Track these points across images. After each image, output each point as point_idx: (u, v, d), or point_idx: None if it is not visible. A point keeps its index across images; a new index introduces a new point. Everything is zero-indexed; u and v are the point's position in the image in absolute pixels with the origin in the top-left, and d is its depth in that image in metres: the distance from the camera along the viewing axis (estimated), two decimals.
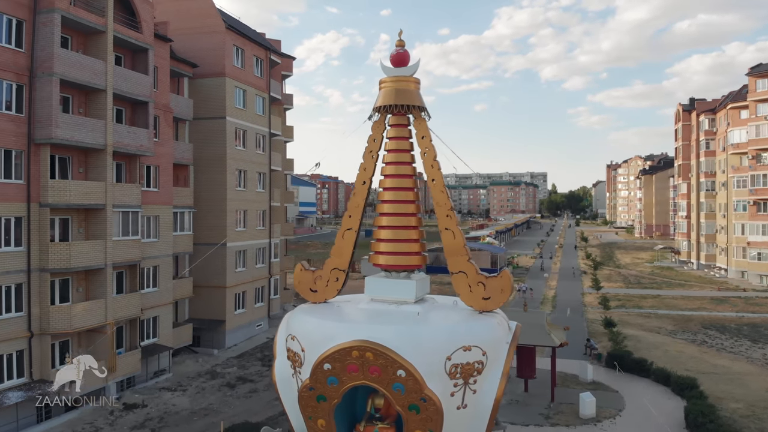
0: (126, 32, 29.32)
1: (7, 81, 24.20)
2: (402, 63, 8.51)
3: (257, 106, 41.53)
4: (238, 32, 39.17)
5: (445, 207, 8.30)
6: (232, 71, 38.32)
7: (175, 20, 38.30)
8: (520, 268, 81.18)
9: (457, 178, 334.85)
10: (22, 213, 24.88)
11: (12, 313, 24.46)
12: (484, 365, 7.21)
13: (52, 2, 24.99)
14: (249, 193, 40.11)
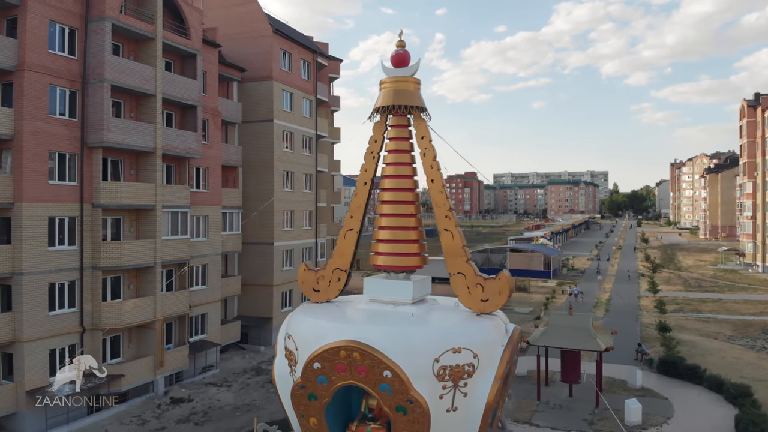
0: (175, 39, 30.33)
1: (60, 87, 25.46)
2: (402, 63, 8.48)
3: (304, 109, 42.14)
4: (285, 36, 39.86)
5: (444, 207, 8.21)
6: (279, 75, 39.03)
7: (225, 26, 39.37)
8: (575, 270, 79.25)
9: (513, 177, 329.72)
10: (75, 213, 26.12)
11: (65, 309, 25.71)
12: (476, 368, 7.09)
13: (102, 11, 26.13)
14: (296, 194, 40.76)
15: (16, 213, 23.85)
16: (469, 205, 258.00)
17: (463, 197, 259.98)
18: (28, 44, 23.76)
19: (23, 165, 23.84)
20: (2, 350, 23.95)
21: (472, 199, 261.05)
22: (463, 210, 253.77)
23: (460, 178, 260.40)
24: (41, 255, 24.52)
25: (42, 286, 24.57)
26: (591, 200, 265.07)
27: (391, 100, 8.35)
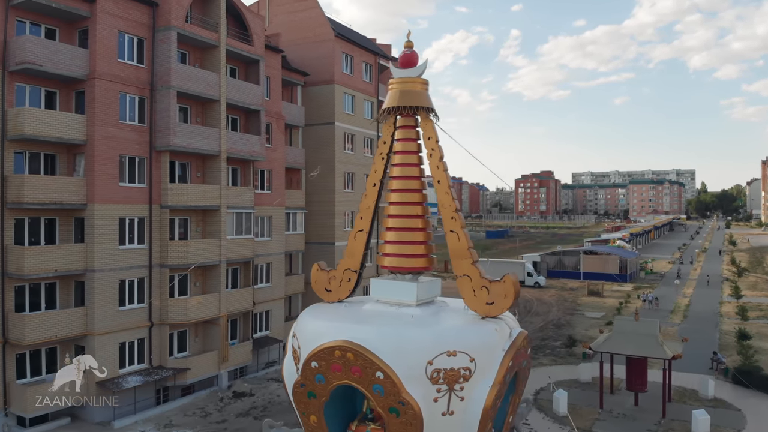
0: (238, 45, 31.42)
1: (130, 95, 26.94)
2: (410, 64, 8.43)
3: (366, 111, 42.55)
4: (346, 39, 40.40)
5: (450, 209, 8.09)
6: (341, 78, 39.61)
7: (289, 31, 40.38)
8: (654, 273, 75.69)
9: (593, 176, 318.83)
10: (144, 214, 27.56)
11: (135, 305, 27.17)
12: (472, 372, 6.94)
13: (168, 21, 27.44)
14: (357, 195, 41.17)
15: (89, 213, 25.42)
16: (545, 206, 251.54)
17: (539, 197, 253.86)
18: (98, 54, 25.30)
19: (95, 168, 25.39)
20: (75, 343, 25.60)
21: (548, 200, 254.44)
22: (538, 211, 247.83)
23: (536, 177, 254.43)
24: (112, 253, 26.03)
25: (113, 282, 26.08)
26: (676, 200, 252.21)
27: (399, 101, 8.33)
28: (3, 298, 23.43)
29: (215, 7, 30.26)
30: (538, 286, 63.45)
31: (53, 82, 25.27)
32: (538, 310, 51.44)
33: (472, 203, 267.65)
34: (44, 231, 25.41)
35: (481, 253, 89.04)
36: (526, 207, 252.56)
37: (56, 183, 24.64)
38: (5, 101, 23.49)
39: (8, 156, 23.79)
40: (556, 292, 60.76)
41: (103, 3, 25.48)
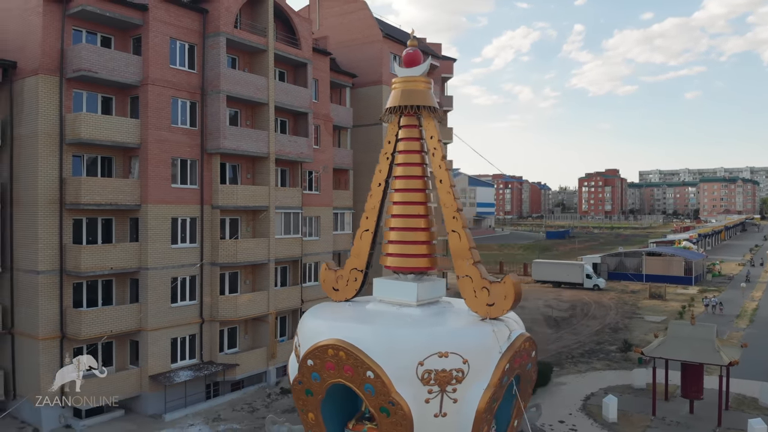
0: (286, 49, 32.02)
1: (182, 99, 27.92)
2: (413, 63, 8.40)
3: None
4: (395, 40, 40.49)
5: (452, 208, 8.00)
6: (388, 78, 39.69)
7: (338, 34, 40.88)
8: (722, 276, 72.14)
9: (662, 174, 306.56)
10: (196, 214, 28.50)
11: (186, 302, 28.13)
12: (465, 374, 6.83)
13: (217, 27, 28.27)
14: None
15: (143, 214, 26.51)
16: (609, 206, 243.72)
17: (603, 197, 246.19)
18: (151, 61, 26.33)
19: (149, 170, 26.44)
20: (130, 338, 26.74)
21: (613, 199, 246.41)
22: (603, 211, 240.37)
23: (600, 176, 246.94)
24: (165, 252, 27.05)
25: (165, 280, 27.09)
26: (749, 199, 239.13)
27: (400, 101, 8.31)
28: (62, 294, 24.72)
29: (263, 12, 30.95)
30: (597, 289, 61.61)
31: (109, 88, 26.49)
32: (595, 313, 49.97)
33: (533, 203, 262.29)
34: (101, 230, 26.67)
35: (539, 255, 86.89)
36: (590, 207, 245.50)
37: (112, 185, 25.81)
38: (63, 107, 24.78)
39: (67, 159, 25.09)
40: (615, 295, 58.83)
41: (155, 11, 26.51)
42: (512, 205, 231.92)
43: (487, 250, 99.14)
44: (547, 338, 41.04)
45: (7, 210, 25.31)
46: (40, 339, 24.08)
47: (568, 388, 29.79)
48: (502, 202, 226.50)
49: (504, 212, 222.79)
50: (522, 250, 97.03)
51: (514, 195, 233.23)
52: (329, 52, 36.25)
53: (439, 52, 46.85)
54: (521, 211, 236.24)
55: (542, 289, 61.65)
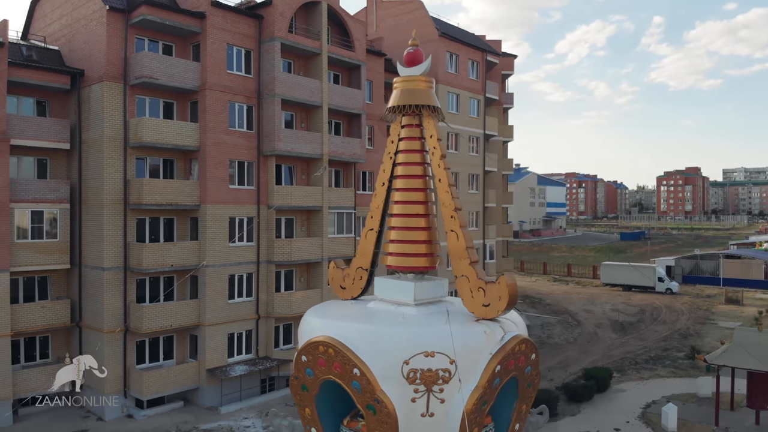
0: (340, 52, 32.49)
1: (239, 103, 28.87)
2: (415, 62, 8.38)
3: (471, 109, 42.09)
4: (451, 38, 40.25)
5: (450, 207, 7.92)
6: (444, 77, 39.53)
7: (395, 35, 41.00)
8: None
9: (747, 172, 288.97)
10: (253, 214, 29.40)
11: (243, 298, 29.07)
12: (452, 374, 6.77)
13: (272, 32, 29.05)
14: (461, 195, 40.74)
15: (202, 213, 27.62)
16: (690, 205, 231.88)
17: (683, 196, 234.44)
18: (209, 66, 27.39)
19: (207, 172, 27.52)
20: (189, 332, 27.91)
21: (694, 199, 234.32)
22: (683, 211, 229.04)
23: (681, 174, 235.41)
24: (223, 250, 28.07)
25: (223, 277, 28.11)
26: None
27: (400, 100, 8.34)
28: (125, 290, 26.12)
29: (317, 16, 31.53)
30: (669, 293, 58.91)
31: (170, 93, 27.76)
32: (665, 318, 47.84)
33: (609, 203, 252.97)
34: (163, 229, 27.99)
35: (612, 257, 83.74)
36: (669, 207, 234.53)
37: (172, 186, 27.03)
38: (127, 112, 26.19)
39: (131, 162, 26.50)
40: (689, 300, 56.07)
41: (212, 18, 27.57)
42: (586, 205, 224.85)
43: (557, 251, 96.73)
44: (611, 343, 39.70)
45: (76, 210, 26.99)
46: (105, 332, 25.54)
47: (627, 395, 28.71)
48: (575, 201, 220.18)
49: (577, 212, 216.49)
50: (593, 252, 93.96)
51: (588, 194, 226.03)
52: (383, 53, 36.48)
53: (498, 49, 46.20)
54: (596, 211, 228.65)
55: (611, 293, 59.58)
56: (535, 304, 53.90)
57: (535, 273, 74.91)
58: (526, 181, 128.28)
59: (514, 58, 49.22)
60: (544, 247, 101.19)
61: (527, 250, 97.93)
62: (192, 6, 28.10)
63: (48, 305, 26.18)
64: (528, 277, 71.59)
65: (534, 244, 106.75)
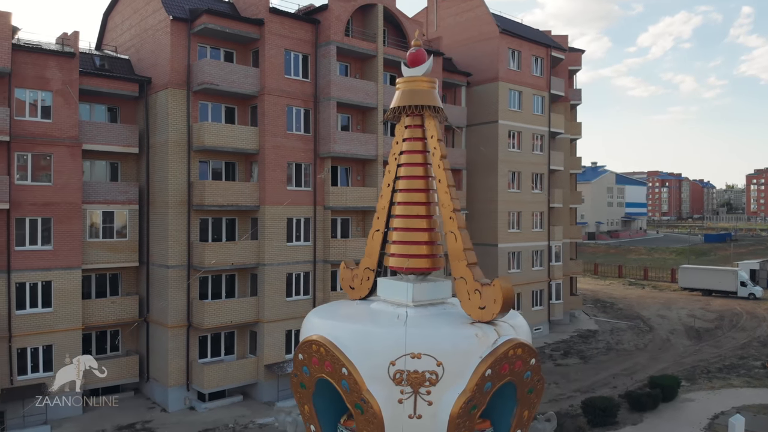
0: (395, 53, 32.62)
1: (296, 107, 29.56)
2: (417, 63, 8.34)
3: (534, 106, 41.14)
4: (513, 35, 39.52)
5: (449, 208, 7.81)
6: (506, 74, 38.87)
7: (455, 33, 40.83)
8: None
9: None
10: (309, 214, 30.04)
11: (300, 296, 29.73)
12: (440, 376, 6.68)
13: (328, 36, 29.56)
14: (523, 195, 40.02)
15: (261, 214, 28.48)
16: None
17: None
18: (267, 72, 28.21)
19: (266, 174, 28.36)
20: (249, 329, 28.84)
21: None
22: None
23: None
24: (280, 249, 28.83)
25: (281, 275, 28.87)
26: None
27: (402, 101, 8.33)
28: (188, 287, 27.33)
29: (373, 18, 31.81)
30: (753, 298, 55.31)
31: (231, 99, 28.79)
32: (745, 324, 45.00)
33: (694, 203, 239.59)
34: (225, 229, 29.08)
35: (693, 260, 79.49)
36: (760, 207, 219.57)
37: (233, 188, 28.04)
38: (190, 117, 27.39)
39: (194, 165, 27.70)
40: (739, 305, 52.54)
41: (270, 25, 28.38)
42: (670, 206, 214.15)
43: (635, 254, 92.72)
44: (683, 350, 37.78)
45: (144, 210, 28.51)
46: (169, 327, 26.82)
47: (695, 405, 27.24)
48: (657, 202, 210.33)
49: (660, 213, 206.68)
50: (674, 255, 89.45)
51: (672, 194, 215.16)
52: (441, 53, 36.31)
53: (565, 45, 44.89)
54: (680, 211, 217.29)
55: (689, 298, 56.61)
56: (606, 309, 52.03)
57: (609, 276, 72.27)
58: (604, 180, 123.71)
59: (582, 53, 47.69)
60: (622, 250, 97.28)
61: (603, 252, 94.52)
62: (251, 13, 29.05)
63: (118, 301, 27.79)
64: (601, 281, 69.17)
65: (611, 246, 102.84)
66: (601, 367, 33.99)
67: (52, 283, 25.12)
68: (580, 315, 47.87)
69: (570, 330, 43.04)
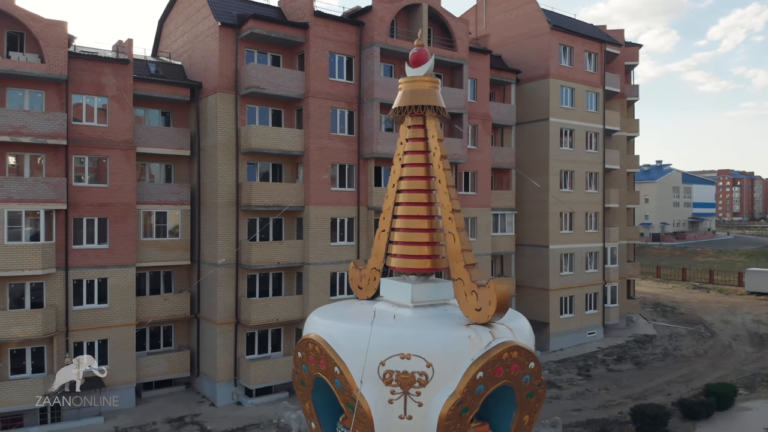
0: (441, 52, 32.40)
1: (340, 109, 29.88)
2: (420, 63, 8.30)
3: (588, 103, 40.02)
4: (565, 30, 38.59)
5: (448, 209, 7.71)
6: (557, 71, 38.00)
7: (505, 31, 40.25)
8: None
9: None
10: (353, 215, 30.30)
11: (344, 295, 29.95)
12: (429, 378, 6.61)
13: (372, 38, 29.72)
14: (576, 195, 38.98)
15: (306, 214, 28.95)
16: None
17: None
18: (312, 75, 28.64)
19: (310, 175, 28.80)
20: (296, 326, 29.35)
21: None
22: None
23: None
24: (325, 249, 29.21)
25: (325, 274, 29.25)
26: None
27: (403, 101, 8.31)
28: (237, 285, 28.08)
29: (418, 18, 31.75)
30: None
31: (277, 101, 29.39)
32: None
33: None
34: (273, 229, 29.71)
35: (766, 263, 75.30)
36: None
37: (279, 188, 28.62)
38: (238, 120, 28.14)
39: (242, 166, 28.44)
40: None
41: (315, 28, 28.80)
42: (741, 206, 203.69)
43: (701, 256, 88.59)
44: (745, 357, 35.90)
45: (196, 210, 29.49)
46: (218, 324, 27.65)
47: (752, 415, 25.88)
48: (728, 201, 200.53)
49: (731, 213, 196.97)
50: (743, 258, 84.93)
51: (744, 194, 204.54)
52: (489, 50, 35.85)
53: (621, 39, 43.45)
54: (752, 212, 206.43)
55: (756, 302, 53.67)
56: (667, 313, 50.02)
57: (672, 279, 69.42)
58: (669, 179, 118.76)
59: (639, 47, 46.02)
60: (688, 252, 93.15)
61: (668, 254, 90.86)
62: (297, 17, 29.56)
63: (170, 298, 28.87)
64: (664, 284, 66.50)
65: (676, 247, 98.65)
66: (655, 374, 32.72)
67: (107, 280, 26.35)
68: (638, 319, 46.21)
69: (626, 335, 41.62)
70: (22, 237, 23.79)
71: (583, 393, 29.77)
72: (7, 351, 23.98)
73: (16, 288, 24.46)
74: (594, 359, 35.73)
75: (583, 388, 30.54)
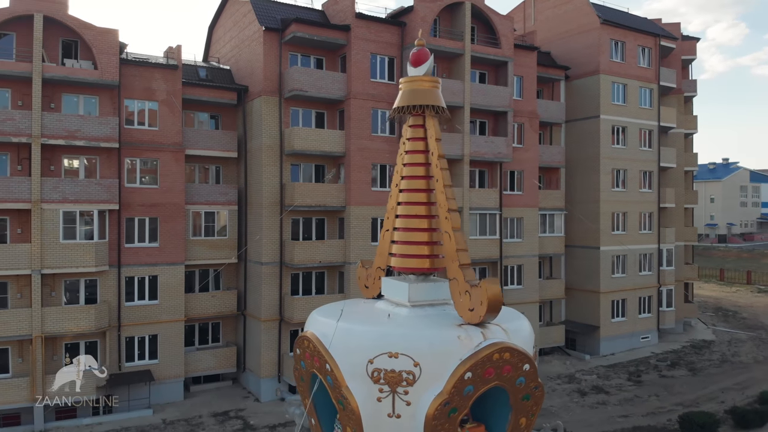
0: (484, 50, 32.16)
1: (381, 110, 30.02)
2: (420, 62, 8.30)
3: (641, 99, 38.70)
4: (616, 25, 37.48)
5: (444, 208, 7.70)
6: (608, 67, 36.93)
7: (554, 27, 39.47)
8: None
9: None
10: None
11: None
12: (417, 377, 6.60)
13: (413, 38, 29.70)
14: (629, 194, 37.76)
15: (347, 214, 29.27)
16: None
17: None
18: (353, 77, 28.92)
19: (351, 176, 29.09)
20: None
21: None
22: None
23: None
24: (365, 248, 29.35)
25: None
26: None
27: (403, 101, 8.33)
28: (281, 283, 28.68)
29: (461, 16, 31.57)
30: None
31: (320, 103, 29.82)
32: None
33: None
34: (315, 229, 30.18)
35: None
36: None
37: (321, 189, 29.06)
38: (282, 123, 28.74)
39: (286, 167, 29.03)
40: None
41: (357, 30, 29.07)
42: None
43: (766, 258, 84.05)
44: None
45: (243, 210, 30.30)
46: (262, 321, 28.32)
47: None
48: None
49: None
50: None
51: None
52: (535, 47, 35.23)
53: (677, 33, 41.84)
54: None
55: None
56: (728, 318, 47.78)
57: (736, 282, 66.17)
58: (736, 177, 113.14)
59: (697, 41, 44.13)
60: (756, 254, 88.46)
61: (734, 256, 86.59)
62: (339, 20, 29.91)
63: (218, 295, 29.78)
64: (727, 288, 63.48)
65: (743, 249, 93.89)
66: (710, 381, 31.34)
67: (158, 278, 27.44)
68: (696, 324, 44.34)
69: (682, 340, 40.02)
70: (76, 236, 25.08)
71: (632, 399, 28.85)
72: (62, 345, 25.30)
73: (71, 284, 25.81)
74: (646, 364, 34.55)
75: (632, 394, 29.60)
